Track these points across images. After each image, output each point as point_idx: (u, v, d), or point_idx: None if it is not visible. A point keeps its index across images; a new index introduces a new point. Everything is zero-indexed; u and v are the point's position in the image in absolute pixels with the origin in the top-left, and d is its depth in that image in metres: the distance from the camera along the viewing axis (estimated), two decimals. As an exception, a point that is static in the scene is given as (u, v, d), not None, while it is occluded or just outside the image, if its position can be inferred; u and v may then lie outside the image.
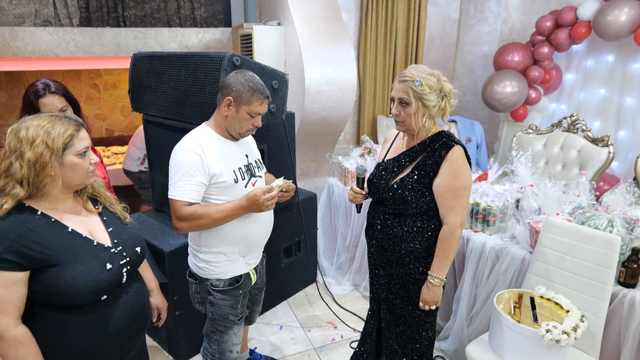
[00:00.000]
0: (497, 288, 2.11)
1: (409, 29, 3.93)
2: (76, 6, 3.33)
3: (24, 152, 1.09)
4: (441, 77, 1.59)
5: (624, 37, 3.22)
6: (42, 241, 1.12)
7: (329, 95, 3.16)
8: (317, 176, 3.67)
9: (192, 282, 1.79)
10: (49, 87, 1.84)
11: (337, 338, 2.60)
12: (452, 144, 1.60)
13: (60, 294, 1.13)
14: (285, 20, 3.21)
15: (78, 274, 1.14)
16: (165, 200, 2.57)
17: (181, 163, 1.54)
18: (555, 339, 1.53)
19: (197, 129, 1.65)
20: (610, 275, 1.70)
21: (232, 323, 1.79)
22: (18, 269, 1.08)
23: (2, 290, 1.07)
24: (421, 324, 1.79)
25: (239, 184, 1.65)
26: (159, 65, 2.26)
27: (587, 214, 1.91)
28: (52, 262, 1.12)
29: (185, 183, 1.53)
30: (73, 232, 1.19)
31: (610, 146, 2.83)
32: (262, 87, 1.60)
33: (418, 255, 1.69)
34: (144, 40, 3.44)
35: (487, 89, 3.83)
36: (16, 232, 1.09)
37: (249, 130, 1.64)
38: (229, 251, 1.69)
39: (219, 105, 1.61)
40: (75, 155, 1.17)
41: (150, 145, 2.56)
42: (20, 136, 1.11)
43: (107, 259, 1.22)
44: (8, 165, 1.10)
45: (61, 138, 1.13)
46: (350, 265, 3.15)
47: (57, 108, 1.82)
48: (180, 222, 1.57)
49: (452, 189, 1.59)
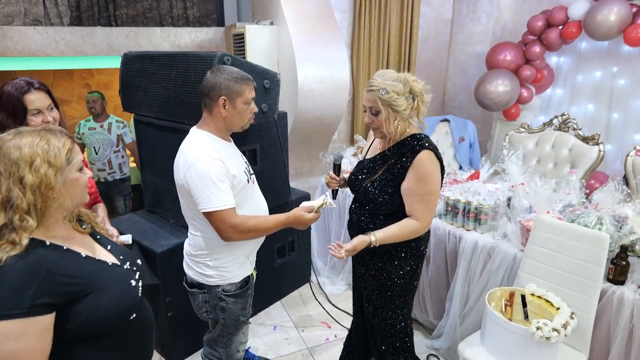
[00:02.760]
0: (489, 286, 2.13)
1: (402, 29, 3.93)
2: (66, 5, 3.30)
3: (22, 175, 0.94)
4: (409, 79, 1.59)
5: (613, 36, 3.25)
6: (70, 272, 1.00)
7: (322, 94, 3.16)
8: (311, 176, 3.67)
9: (198, 292, 1.73)
10: (32, 84, 1.71)
11: (331, 338, 2.61)
12: (419, 149, 1.60)
13: (100, 322, 1.04)
14: (278, 19, 3.20)
15: (114, 295, 1.07)
16: (157, 201, 2.57)
17: (209, 173, 1.48)
18: (545, 336, 1.54)
19: (199, 136, 1.60)
20: (599, 272, 1.72)
21: (242, 323, 1.81)
22: (50, 311, 0.95)
23: (34, 340, 0.92)
24: (395, 317, 1.81)
25: (249, 184, 1.69)
26: (149, 65, 2.24)
27: (577, 212, 1.93)
28: (86, 291, 1.02)
29: (222, 191, 1.50)
30: (87, 257, 1.09)
31: (600, 144, 2.86)
32: (243, 73, 1.60)
33: (389, 251, 1.72)
34: (136, 40, 3.42)
35: (479, 88, 3.84)
36: (43, 270, 0.95)
37: (249, 119, 1.66)
38: (238, 255, 1.70)
39: (213, 109, 1.57)
40: (75, 170, 1.06)
41: (141, 146, 2.54)
42: (13, 157, 0.94)
43: (127, 276, 1.16)
44: (6, 194, 0.94)
45: (62, 153, 1.00)
46: (344, 264, 3.15)
47: (46, 105, 1.71)
48: (233, 232, 1.54)
49: (418, 193, 1.62)
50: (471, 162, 3.98)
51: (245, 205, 1.67)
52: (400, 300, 1.79)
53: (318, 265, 3.28)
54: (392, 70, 1.63)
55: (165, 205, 2.48)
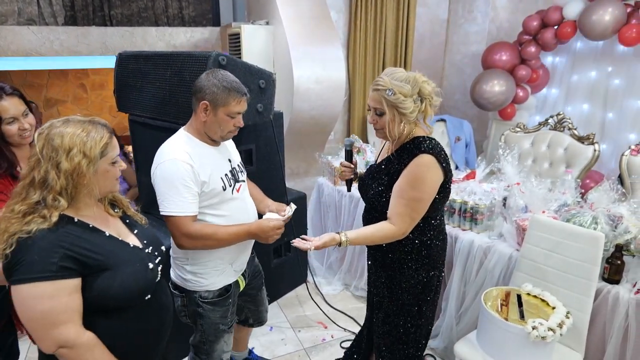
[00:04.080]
0: (485, 286, 2.13)
1: (398, 29, 3.94)
2: (61, 5, 3.29)
3: (59, 161, 1.06)
4: (419, 80, 1.51)
5: (608, 36, 3.26)
6: (91, 247, 1.12)
7: (318, 94, 3.15)
8: (307, 176, 3.66)
9: (178, 294, 1.69)
10: (4, 89, 1.60)
11: (328, 338, 2.60)
12: (417, 152, 1.52)
13: (113, 297, 1.14)
14: (273, 19, 3.20)
15: (129, 275, 1.17)
16: (152, 201, 2.56)
17: (173, 175, 1.45)
18: (541, 335, 1.54)
19: (178, 136, 1.57)
20: (594, 271, 1.72)
21: (223, 332, 1.73)
22: (75, 275, 1.08)
23: (66, 299, 1.06)
24: (407, 327, 1.74)
25: (227, 192, 1.60)
26: (144, 65, 2.23)
27: (572, 211, 1.93)
28: (104, 266, 1.13)
29: (183, 196, 1.45)
30: (111, 236, 1.20)
31: (595, 144, 2.87)
32: (237, 84, 1.51)
33: (399, 259, 1.67)
34: (131, 40, 3.41)
35: (475, 88, 3.85)
36: (67, 240, 1.08)
37: (230, 131, 1.57)
38: (218, 262, 1.63)
39: (196, 110, 1.53)
40: (109, 163, 1.16)
41: (136, 146, 2.53)
42: (55, 144, 1.07)
43: (146, 259, 1.25)
44: (44, 175, 1.07)
45: (98, 146, 1.11)
46: (341, 264, 3.15)
47: (20, 112, 1.61)
48: (185, 239, 1.49)
49: (404, 197, 1.53)
50: (467, 161, 3.99)
51: (220, 213, 1.60)
52: (414, 309, 1.71)
53: (314, 266, 3.28)
54: (402, 69, 1.54)
55: (161, 206, 2.47)
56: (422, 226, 1.63)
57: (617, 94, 3.56)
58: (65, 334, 1.07)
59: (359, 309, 2.84)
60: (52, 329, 1.06)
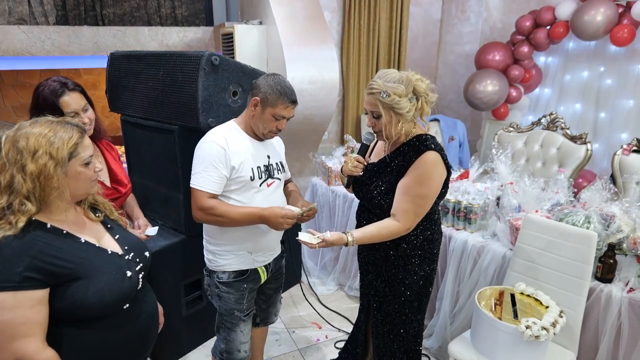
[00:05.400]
0: (478, 285, 2.13)
1: (391, 29, 3.94)
2: (52, 4, 3.25)
3: (25, 164, 1.01)
4: (412, 79, 1.52)
5: (600, 36, 3.29)
6: (62, 255, 1.06)
7: (311, 94, 3.15)
8: (301, 176, 3.65)
9: (205, 274, 1.83)
10: (66, 84, 1.67)
11: (322, 338, 2.60)
12: (424, 149, 1.55)
13: (86, 307, 1.08)
14: (267, 19, 3.18)
15: (104, 284, 1.11)
16: (145, 202, 2.54)
17: (206, 154, 1.60)
18: (534, 334, 1.54)
19: (225, 124, 1.72)
20: (587, 270, 1.73)
21: (239, 320, 1.79)
22: (41, 287, 1.02)
23: (28, 311, 1.00)
24: (408, 322, 1.77)
25: (254, 182, 1.68)
26: (136, 65, 2.21)
27: (565, 210, 1.94)
28: (75, 275, 1.07)
29: (208, 174, 1.58)
30: (86, 242, 1.14)
31: (588, 144, 2.89)
32: (290, 91, 1.63)
33: (403, 255, 1.68)
34: (124, 40, 3.38)
35: (469, 87, 3.86)
36: (35, 249, 1.02)
37: (271, 132, 1.69)
38: (236, 246, 1.72)
39: (248, 104, 1.67)
40: (80, 165, 1.10)
41: (128, 146, 2.51)
42: (19, 146, 1.02)
43: (124, 266, 1.19)
44: (9, 179, 1.02)
45: (65, 147, 1.05)
46: (335, 264, 3.14)
47: (81, 106, 1.69)
48: (199, 212, 1.61)
49: (411, 194, 1.55)
50: (461, 161, 4.00)
51: (242, 200, 1.67)
52: (414, 304, 1.74)
53: (308, 266, 3.27)
54: (394, 70, 1.56)
55: (153, 207, 2.45)
56: (425, 222, 1.66)
57: (609, 94, 3.59)
58: (23, 349, 1.01)
59: (353, 309, 2.83)
60: (10, 342, 1.00)
